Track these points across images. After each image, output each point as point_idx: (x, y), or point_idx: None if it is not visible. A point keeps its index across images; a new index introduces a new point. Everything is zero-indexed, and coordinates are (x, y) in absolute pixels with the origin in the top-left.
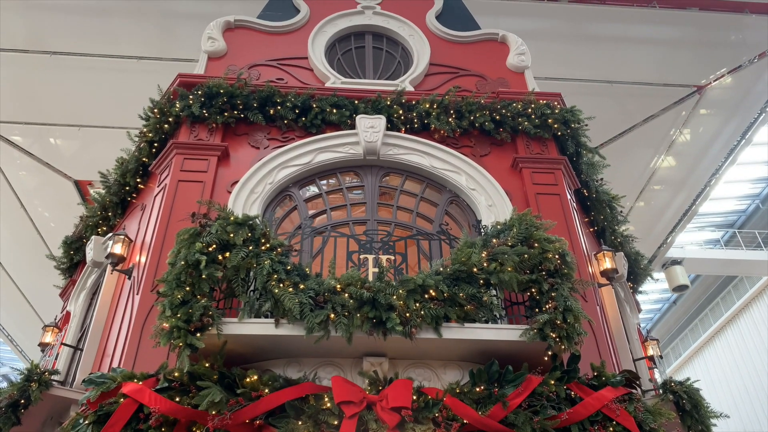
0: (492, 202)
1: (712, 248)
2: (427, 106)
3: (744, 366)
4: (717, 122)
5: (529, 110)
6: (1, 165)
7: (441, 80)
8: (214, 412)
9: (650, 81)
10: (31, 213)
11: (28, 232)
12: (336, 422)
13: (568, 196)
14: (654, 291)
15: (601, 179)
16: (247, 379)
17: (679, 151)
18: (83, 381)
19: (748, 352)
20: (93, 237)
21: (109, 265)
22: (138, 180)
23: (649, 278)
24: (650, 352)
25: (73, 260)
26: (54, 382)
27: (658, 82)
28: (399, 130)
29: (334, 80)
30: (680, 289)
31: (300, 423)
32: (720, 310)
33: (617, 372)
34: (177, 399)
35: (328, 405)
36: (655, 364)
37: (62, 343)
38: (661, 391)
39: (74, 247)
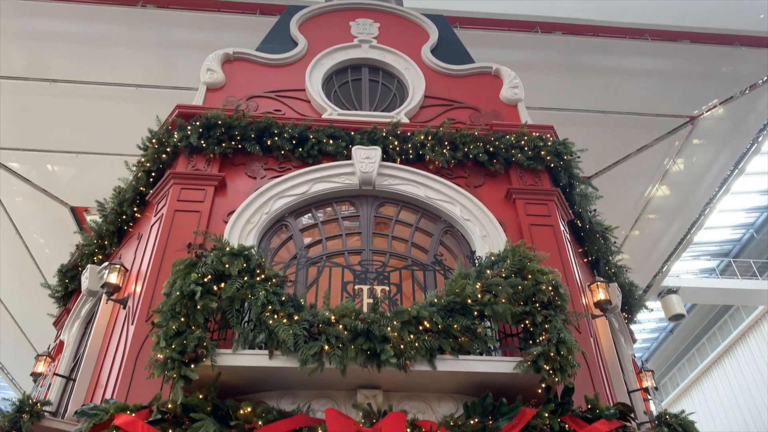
0: (486, 233)
1: (707, 277)
2: (422, 137)
3: (742, 396)
4: (710, 152)
5: (523, 142)
6: None
7: (436, 112)
8: None
9: (643, 111)
10: (27, 240)
11: (23, 259)
12: None
13: (562, 227)
14: (651, 320)
15: (594, 210)
16: (241, 411)
17: (673, 180)
18: (75, 412)
19: (746, 382)
20: (89, 266)
21: (104, 295)
22: (135, 209)
23: (644, 308)
24: (645, 384)
25: (68, 289)
26: (46, 413)
27: (651, 112)
28: (394, 161)
29: (331, 112)
30: (676, 318)
31: None
32: (717, 339)
33: (611, 404)
34: (170, 431)
35: None
36: (650, 395)
37: (55, 373)
38: (656, 424)
39: (69, 276)
